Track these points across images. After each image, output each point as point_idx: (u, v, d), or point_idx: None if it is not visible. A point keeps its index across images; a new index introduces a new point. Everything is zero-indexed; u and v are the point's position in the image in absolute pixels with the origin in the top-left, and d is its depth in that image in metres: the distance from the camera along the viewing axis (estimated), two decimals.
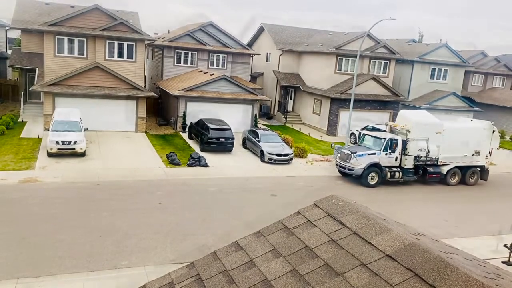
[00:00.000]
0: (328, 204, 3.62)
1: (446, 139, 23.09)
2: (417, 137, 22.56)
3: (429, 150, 22.82)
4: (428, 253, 2.74)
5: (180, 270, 3.36)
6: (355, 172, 22.26)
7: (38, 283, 11.16)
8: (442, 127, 23.11)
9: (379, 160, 22.24)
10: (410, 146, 22.63)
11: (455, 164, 23.82)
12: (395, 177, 22.60)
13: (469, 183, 24.46)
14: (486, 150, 24.40)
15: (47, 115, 27.43)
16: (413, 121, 23.03)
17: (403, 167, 22.77)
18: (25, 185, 18.54)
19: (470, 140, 23.83)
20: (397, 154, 22.59)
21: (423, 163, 23.11)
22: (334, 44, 36.96)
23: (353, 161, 22.21)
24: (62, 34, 28.79)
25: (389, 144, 22.37)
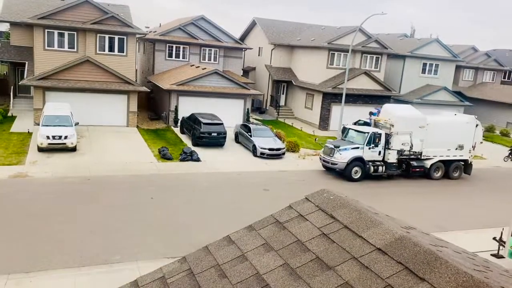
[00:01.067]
0: (320, 198, 3.64)
1: (430, 133, 23.07)
2: (400, 131, 22.54)
3: (412, 144, 22.84)
4: (418, 246, 2.76)
5: (172, 264, 3.36)
6: (339, 167, 22.20)
7: (29, 279, 11.10)
8: (425, 121, 23.10)
9: (363, 154, 22.21)
10: (393, 140, 22.64)
11: (438, 158, 23.87)
12: (378, 171, 22.60)
13: (453, 177, 24.54)
14: (470, 144, 24.48)
15: (37, 109, 27.18)
16: (396, 115, 22.94)
17: (386, 161, 22.80)
18: (15, 180, 18.38)
19: (454, 134, 23.88)
20: (380, 148, 22.58)
21: (407, 157, 23.13)
22: (326, 39, 36.96)
23: (336, 155, 22.15)
24: (52, 28, 28.48)
25: (372, 138, 22.32)
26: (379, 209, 3.91)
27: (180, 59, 36.79)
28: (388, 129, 22.82)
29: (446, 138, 23.63)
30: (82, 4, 29.19)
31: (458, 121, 24.68)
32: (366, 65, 37.74)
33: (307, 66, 38.90)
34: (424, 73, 40.75)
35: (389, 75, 40.31)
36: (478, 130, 24.66)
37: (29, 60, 30.49)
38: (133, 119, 30.09)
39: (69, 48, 29.16)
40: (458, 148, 24.24)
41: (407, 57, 39.68)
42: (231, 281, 2.95)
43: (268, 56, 41.77)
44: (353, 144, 22.54)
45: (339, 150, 22.15)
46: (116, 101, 29.50)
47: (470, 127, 24.38)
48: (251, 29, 45.87)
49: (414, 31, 67.43)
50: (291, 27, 44.01)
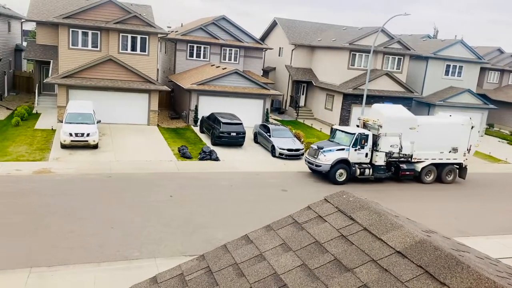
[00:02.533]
0: (339, 199, 3.61)
1: (421, 135, 22.13)
2: (388, 133, 21.65)
3: (402, 146, 21.95)
4: (439, 250, 2.72)
5: (190, 262, 3.39)
6: (322, 169, 21.26)
7: (50, 273, 11.35)
8: (416, 123, 22.19)
9: (348, 156, 21.32)
10: (381, 142, 21.70)
11: (430, 161, 22.87)
12: (365, 174, 21.68)
13: (446, 181, 23.50)
14: (465, 147, 23.43)
15: (61, 107, 27.75)
16: (385, 115, 21.92)
17: (374, 163, 21.90)
18: (39, 176, 18.80)
19: (447, 136, 22.87)
20: (367, 150, 21.66)
21: (396, 159, 22.25)
22: (347, 39, 36.67)
23: (320, 157, 21.26)
24: (76, 27, 29.03)
25: (358, 139, 21.41)
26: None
27: (201, 59, 37.04)
28: (377, 130, 21.92)
29: (438, 140, 22.67)
30: (106, 3, 29.67)
31: (452, 122, 23.50)
32: (388, 66, 37.30)
33: (327, 66, 38.67)
34: (448, 75, 40.00)
35: (411, 77, 39.73)
36: (474, 132, 23.55)
37: (54, 58, 31.16)
38: (154, 117, 30.43)
39: (92, 47, 29.68)
40: (451, 151, 23.21)
41: (430, 59, 39.03)
42: (248, 280, 2.96)
43: (288, 57, 41.68)
44: (338, 145, 21.67)
45: (323, 152, 21.27)
46: (138, 99, 29.90)
47: (465, 129, 23.28)
48: (271, 29, 45.85)
49: (437, 32, 66.28)
50: (312, 28, 43.82)
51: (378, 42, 34.66)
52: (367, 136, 21.58)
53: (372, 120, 22.47)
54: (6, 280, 10.86)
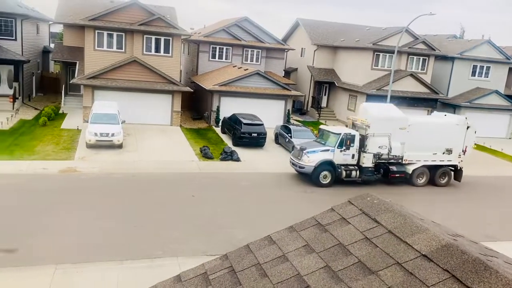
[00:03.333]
0: (363, 201, 3.58)
1: (412, 136, 21.00)
2: (377, 133, 20.57)
3: (391, 147, 20.89)
4: (466, 254, 2.67)
5: (214, 261, 3.42)
6: (306, 170, 20.42)
7: (75, 269, 11.59)
8: (406, 122, 21.07)
9: (333, 158, 20.38)
10: (369, 142, 20.66)
11: (422, 163, 21.69)
12: (351, 176, 20.66)
13: (439, 184, 22.28)
14: (460, 148, 22.21)
15: (86, 107, 28.32)
16: (372, 115, 20.84)
17: (361, 165, 20.87)
18: (65, 175, 19.24)
19: (441, 137, 21.61)
20: (353, 151, 20.65)
21: (385, 161, 21.17)
22: (371, 40, 36.29)
23: (304, 158, 20.39)
24: (102, 29, 29.58)
25: (344, 140, 20.41)
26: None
27: (223, 60, 37.24)
28: (365, 131, 20.89)
29: (431, 141, 21.48)
30: (130, 5, 30.16)
31: (445, 122, 22.33)
32: (412, 66, 36.74)
33: (350, 67, 38.35)
34: (474, 76, 39.12)
35: (436, 78, 39.01)
36: (470, 132, 22.29)
37: (80, 60, 31.83)
38: (177, 118, 30.76)
39: (117, 48, 30.19)
40: (445, 152, 22.02)
41: (456, 59, 38.25)
42: (271, 281, 2.97)
43: (310, 57, 41.50)
44: (323, 146, 20.79)
45: (307, 152, 20.42)
46: (161, 100, 30.27)
47: (460, 129, 22.06)
48: (294, 30, 45.75)
49: (463, 32, 64.93)
50: (335, 28, 43.53)
51: (403, 43, 34.16)
52: (353, 136, 20.60)
53: (360, 120, 21.37)
54: (33, 276, 11.15)
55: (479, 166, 27.60)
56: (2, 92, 31.02)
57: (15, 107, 30.09)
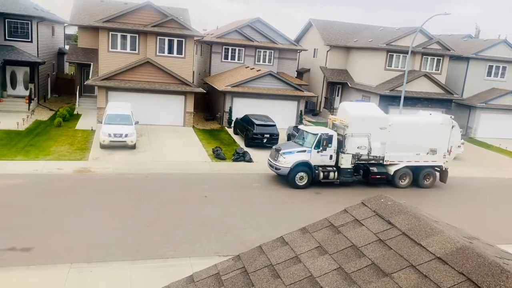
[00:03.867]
0: (377, 203, 3.55)
1: (393, 136, 20.31)
2: (355, 133, 19.97)
3: (371, 147, 20.25)
4: (482, 257, 2.63)
5: (226, 262, 3.42)
6: (281, 172, 19.91)
7: (89, 268, 11.72)
8: (387, 122, 20.41)
9: (310, 159, 19.82)
10: (347, 143, 20.08)
11: (405, 163, 20.94)
12: (329, 177, 20.05)
13: (423, 185, 21.53)
14: (445, 148, 21.40)
15: (100, 108, 28.62)
16: (351, 114, 20.15)
17: (340, 166, 20.25)
18: (79, 175, 19.46)
19: (424, 137, 20.88)
20: (331, 152, 20.05)
21: (365, 162, 20.55)
22: (384, 40, 36.02)
23: (280, 159, 19.90)
24: (116, 30, 29.87)
25: (320, 140, 19.87)
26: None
27: (235, 61, 37.31)
28: (343, 131, 20.33)
29: (414, 141, 20.75)
30: (144, 7, 30.40)
31: (429, 122, 21.55)
32: (426, 67, 36.37)
33: (364, 67, 38.11)
34: (490, 76, 38.57)
35: (451, 78, 38.56)
36: (455, 132, 21.52)
37: (94, 61, 32.19)
38: (190, 119, 30.90)
39: (131, 50, 30.45)
40: (430, 153, 21.26)
41: (471, 59, 37.76)
42: (284, 282, 2.96)
43: (323, 58, 41.35)
44: (300, 147, 20.24)
45: (283, 153, 19.94)
46: (174, 101, 30.45)
47: (445, 129, 21.27)
48: (306, 30, 45.64)
49: (479, 31, 64.00)
50: (348, 28, 43.31)
51: (416, 43, 33.84)
52: (331, 137, 20.04)
53: (339, 120, 20.79)
54: (48, 274, 11.29)
55: (496, 168, 27.24)
56: (18, 93, 31.55)
57: (31, 108, 30.55)
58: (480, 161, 28.79)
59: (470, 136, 36.30)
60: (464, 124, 37.17)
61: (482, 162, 28.40)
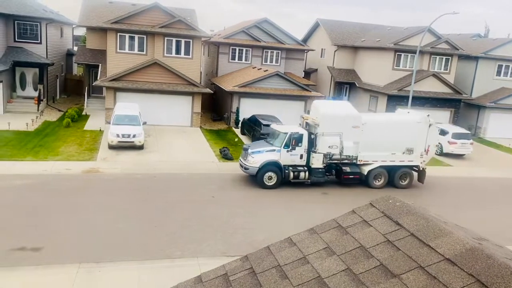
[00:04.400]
0: (385, 204, 3.54)
1: (367, 135, 19.71)
2: (326, 132, 19.39)
3: (343, 147, 19.71)
4: (491, 258, 2.61)
5: (234, 262, 3.43)
6: (250, 171, 19.50)
7: (98, 268, 11.79)
8: (360, 121, 19.82)
9: (279, 158, 19.37)
10: (318, 142, 19.51)
11: (379, 163, 20.32)
12: (300, 177, 19.59)
13: (400, 185, 20.90)
14: (422, 148, 20.70)
15: (109, 109, 28.78)
16: (321, 113, 19.60)
17: (311, 166, 19.77)
18: (87, 175, 19.59)
19: (400, 136, 20.19)
20: (301, 151, 19.56)
21: (338, 161, 20.02)
22: (392, 40, 35.85)
23: (249, 158, 19.51)
24: (124, 32, 30.02)
25: (290, 139, 19.42)
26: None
27: (242, 61, 37.34)
28: (315, 129, 19.79)
29: (389, 140, 20.07)
30: (151, 8, 30.53)
31: (405, 120, 20.92)
32: (434, 66, 36.14)
33: (371, 67, 37.95)
34: (499, 76, 38.22)
35: (460, 78, 38.26)
36: (432, 131, 20.81)
37: (102, 62, 32.39)
38: (197, 119, 30.98)
39: (138, 50, 30.59)
40: (406, 152, 20.57)
41: (480, 59, 37.44)
42: (292, 283, 2.96)
43: (330, 58, 41.25)
44: (269, 146, 19.83)
45: (252, 153, 19.55)
46: (182, 102, 30.54)
47: (422, 127, 20.51)
48: (314, 30, 45.56)
49: (488, 31, 63.36)
50: (355, 28, 43.16)
51: (425, 42, 33.65)
52: (301, 135, 19.54)
53: (311, 118, 20.26)
54: (57, 274, 11.38)
55: (505, 169, 27.00)
56: (28, 94, 31.83)
57: (40, 109, 30.81)
58: (489, 161, 28.55)
59: (479, 136, 36.00)
60: (473, 124, 36.89)
61: (491, 163, 28.17)
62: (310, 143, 19.80)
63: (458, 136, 28.31)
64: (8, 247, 12.45)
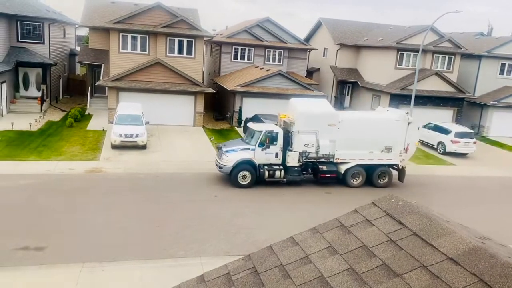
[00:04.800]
0: (387, 203, 3.53)
1: (344, 133, 19.43)
2: (302, 130, 19.16)
3: (319, 145, 19.42)
4: (494, 258, 2.60)
5: (237, 262, 3.43)
6: (224, 170, 19.26)
7: (101, 268, 11.82)
8: (336, 119, 19.51)
9: (254, 157, 19.09)
10: (294, 140, 19.29)
11: (357, 162, 20.02)
12: (275, 176, 19.26)
13: (378, 184, 20.52)
14: (401, 146, 20.29)
15: (111, 108, 28.83)
16: (297, 111, 19.37)
17: (287, 165, 19.48)
18: (91, 175, 19.63)
19: (378, 134, 19.86)
20: (277, 150, 19.27)
21: (315, 160, 19.76)
22: (394, 38, 35.78)
23: (223, 157, 19.27)
24: (126, 31, 30.07)
25: (264, 138, 19.15)
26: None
27: (245, 61, 37.33)
28: (291, 128, 19.53)
29: (367, 138, 19.74)
30: (154, 8, 30.56)
31: (383, 118, 20.59)
32: (437, 65, 36.05)
33: (374, 66, 37.89)
34: (503, 74, 38.08)
35: (463, 76, 38.14)
36: (412, 129, 20.34)
37: (105, 62, 32.44)
38: (200, 119, 31.00)
39: (141, 50, 30.63)
40: (384, 151, 20.17)
41: (483, 57, 37.31)
42: (294, 282, 2.96)
43: (333, 57, 41.20)
44: (244, 144, 19.56)
45: (226, 152, 19.28)
46: (184, 101, 30.57)
47: (400, 125, 20.11)
48: (316, 29, 45.51)
49: (491, 29, 63.07)
50: (358, 27, 43.08)
51: (427, 41, 33.57)
52: (276, 134, 19.28)
53: (287, 117, 19.96)
54: (60, 274, 11.41)
55: (509, 167, 26.91)
56: (31, 94, 31.92)
57: (43, 109, 30.90)
58: (492, 160, 28.47)
59: (482, 135, 35.89)
60: (476, 123, 36.78)
61: (494, 162, 28.08)
62: (286, 141, 19.53)
63: (461, 135, 28.26)
64: (12, 247, 12.49)
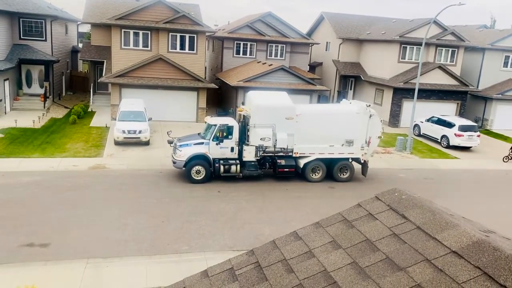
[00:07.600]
0: (391, 197, 3.52)
1: (302, 126, 19.02)
2: (258, 124, 18.75)
3: (276, 139, 19.02)
4: (498, 251, 2.59)
5: (240, 257, 3.43)
6: (177, 165, 18.95)
7: (106, 264, 11.88)
8: (294, 112, 19.07)
9: (208, 151, 18.79)
10: (250, 134, 18.90)
11: (317, 156, 19.61)
12: (231, 171, 18.92)
13: (339, 179, 20.17)
14: (362, 139, 19.87)
15: (114, 105, 28.88)
16: (253, 104, 18.96)
17: (243, 159, 19.18)
18: (94, 171, 19.70)
19: (338, 127, 19.42)
20: (232, 144, 18.92)
21: (272, 154, 19.37)
22: (397, 32, 35.59)
23: (176, 151, 19.02)
24: (128, 28, 30.04)
25: (218, 131, 18.81)
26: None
27: (247, 56, 37.25)
28: (248, 121, 19.19)
29: (326, 131, 19.32)
30: (155, 4, 30.51)
31: (342, 111, 20.14)
32: (440, 58, 35.86)
33: (377, 60, 37.73)
34: (506, 67, 37.87)
35: (466, 69, 37.96)
36: (374, 121, 19.90)
37: (107, 58, 32.45)
38: (202, 115, 30.98)
39: (143, 46, 30.62)
40: (345, 144, 19.78)
41: (487, 50, 37.09)
42: (298, 277, 2.96)
43: (335, 51, 41.05)
44: (198, 139, 19.20)
45: (179, 146, 18.95)
46: (186, 97, 30.58)
47: (361, 118, 19.64)
48: (318, 23, 45.31)
49: (494, 22, 62.75)
50: (360, 21, 42.87)
51: (430, 34, 33.38)
52: (231, 127, 18.90)
53: (245, 110, 19.69)
54: (65, 269, 11.48)
55: None
56: (34, 92, 32.00)
57: (46, 106, 30.98)
58: (496, 153, 28.35)
59: (486, 128, 35.76)
60: (480, 116, 36.64)
61: (498, 155, 27.97)
62: (242, 135, 19.27)
63: (464, 128, 28.17)
64: (17, 244, 12.58)
